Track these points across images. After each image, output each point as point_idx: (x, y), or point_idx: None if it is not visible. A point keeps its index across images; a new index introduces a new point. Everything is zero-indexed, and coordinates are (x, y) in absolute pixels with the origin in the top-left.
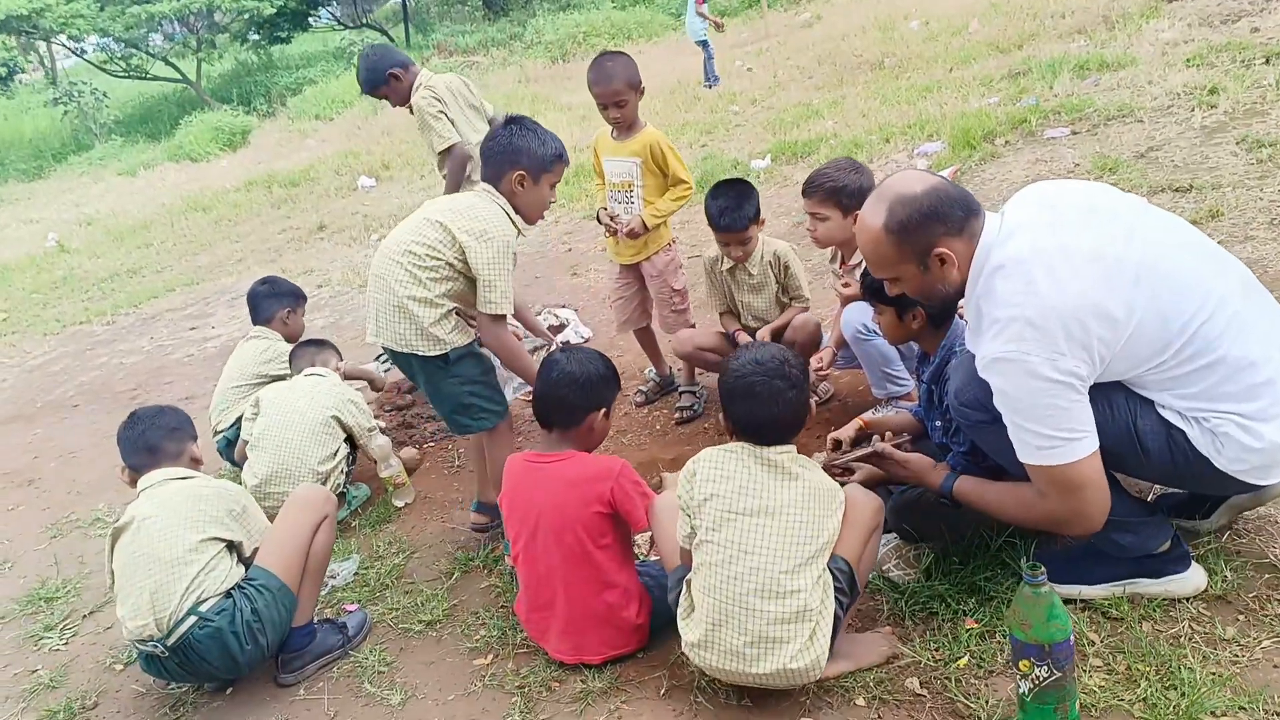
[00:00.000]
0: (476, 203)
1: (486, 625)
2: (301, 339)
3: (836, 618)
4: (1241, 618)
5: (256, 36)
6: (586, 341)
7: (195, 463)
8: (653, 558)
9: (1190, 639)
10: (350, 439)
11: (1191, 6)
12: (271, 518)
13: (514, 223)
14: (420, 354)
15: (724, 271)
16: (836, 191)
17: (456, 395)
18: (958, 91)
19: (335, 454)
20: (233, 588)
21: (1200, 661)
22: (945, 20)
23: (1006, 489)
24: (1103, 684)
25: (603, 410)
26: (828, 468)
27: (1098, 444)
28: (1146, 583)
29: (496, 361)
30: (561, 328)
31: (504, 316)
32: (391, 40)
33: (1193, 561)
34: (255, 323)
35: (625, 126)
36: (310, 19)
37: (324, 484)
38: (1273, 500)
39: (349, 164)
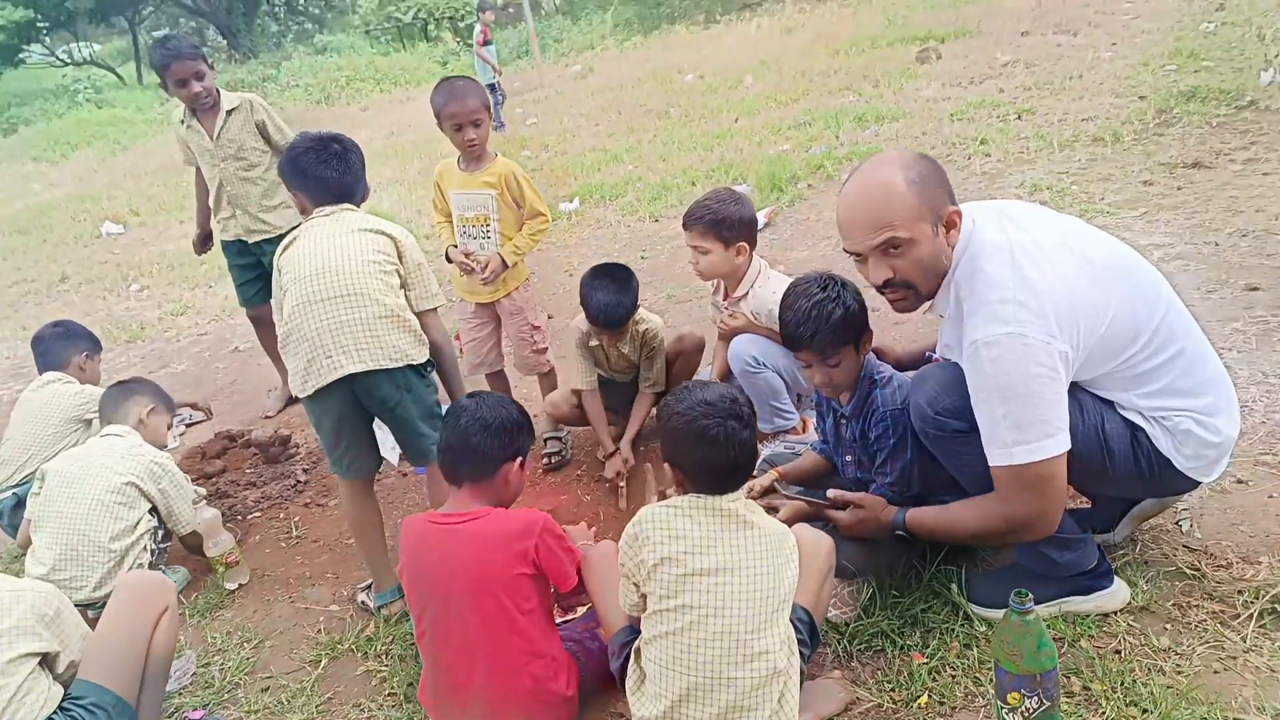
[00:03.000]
0: (363, 214)
1: (376, 718)
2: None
3: (800, 672)
4: (1169, 626)
5: None
6: None
7: None
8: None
9: (1132, 652)
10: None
11: (941, 68)
12: None
13: None
14: (415, 362)
15: (594, 347)
16: (717, 223)
17: (429, 403)
18: (750, 139)
19: (134, 527)
20: (54, 712)
21: (1148, 674)
22: (719, 75)
23: (962, 503)
24: (1065, 707)
25: (518, 460)
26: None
27: (1069, 444)
28: (1077, 600)
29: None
30: None
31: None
32: (121, 80)
33: (1115, 576)
34: (47, 368)
35: (477, 156)
36: (22, 55)
37: (119, 566)
38: (1168, 509)
39: (88, 209)
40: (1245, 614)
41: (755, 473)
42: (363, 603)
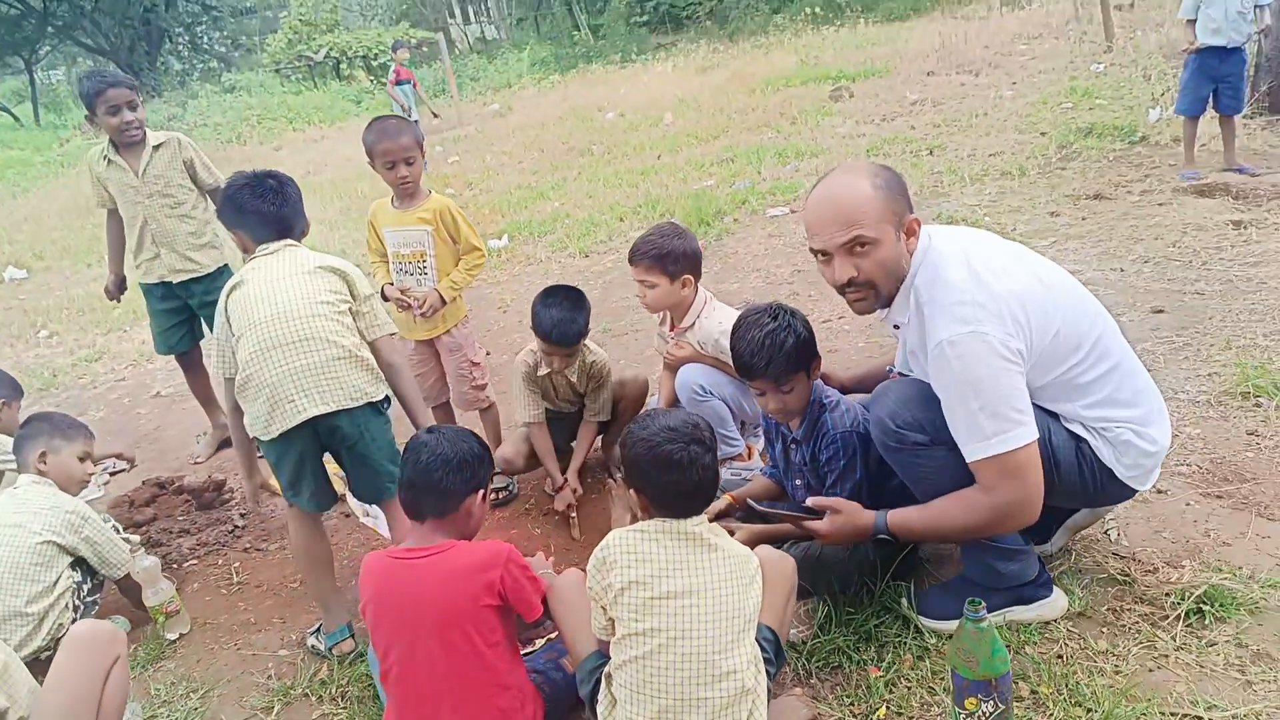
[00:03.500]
0: (307, 250)
1: None
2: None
3: (767, 690)
4: (1106, 630)
5: None
6: None
7: None
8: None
9: (1073, 656)
10: (83, 563)
11: (854, 106)
12: None
13: None
14: (374, 400)
15: (542, 377)
16: (662, 258)
17: (390, 440)
18: (674, 175)
19: (53, 587)
20: None
21: (1090, 676)
22: (639, 112)
23: (945, 500)
24: (1016, 711)
25: (480, 492)
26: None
27: (1037, 433)
28: (1020, 610)
29: None
30: None
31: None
32: (17, 120)
33: (1053, 585)
34: None
35: (410, 193)
36: None
37: (39, 629)
38: (1099, 519)
39: None
40: (1173, 615)
41: None
42: (313, 647)
